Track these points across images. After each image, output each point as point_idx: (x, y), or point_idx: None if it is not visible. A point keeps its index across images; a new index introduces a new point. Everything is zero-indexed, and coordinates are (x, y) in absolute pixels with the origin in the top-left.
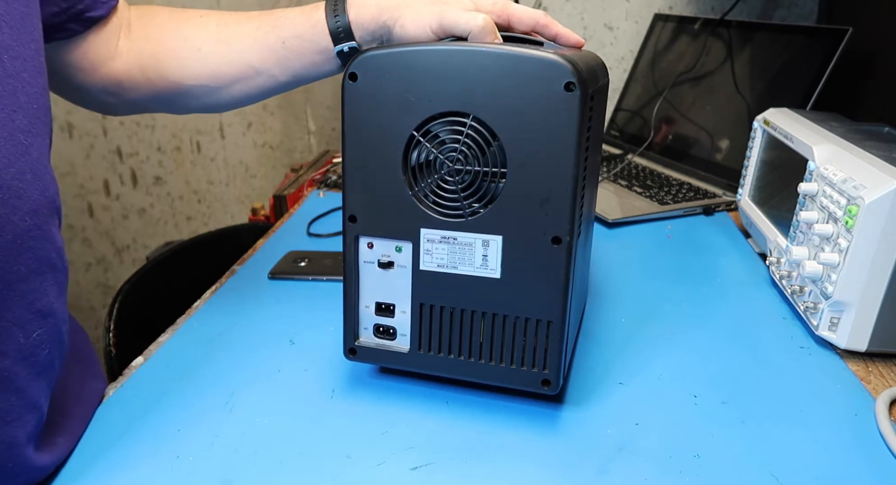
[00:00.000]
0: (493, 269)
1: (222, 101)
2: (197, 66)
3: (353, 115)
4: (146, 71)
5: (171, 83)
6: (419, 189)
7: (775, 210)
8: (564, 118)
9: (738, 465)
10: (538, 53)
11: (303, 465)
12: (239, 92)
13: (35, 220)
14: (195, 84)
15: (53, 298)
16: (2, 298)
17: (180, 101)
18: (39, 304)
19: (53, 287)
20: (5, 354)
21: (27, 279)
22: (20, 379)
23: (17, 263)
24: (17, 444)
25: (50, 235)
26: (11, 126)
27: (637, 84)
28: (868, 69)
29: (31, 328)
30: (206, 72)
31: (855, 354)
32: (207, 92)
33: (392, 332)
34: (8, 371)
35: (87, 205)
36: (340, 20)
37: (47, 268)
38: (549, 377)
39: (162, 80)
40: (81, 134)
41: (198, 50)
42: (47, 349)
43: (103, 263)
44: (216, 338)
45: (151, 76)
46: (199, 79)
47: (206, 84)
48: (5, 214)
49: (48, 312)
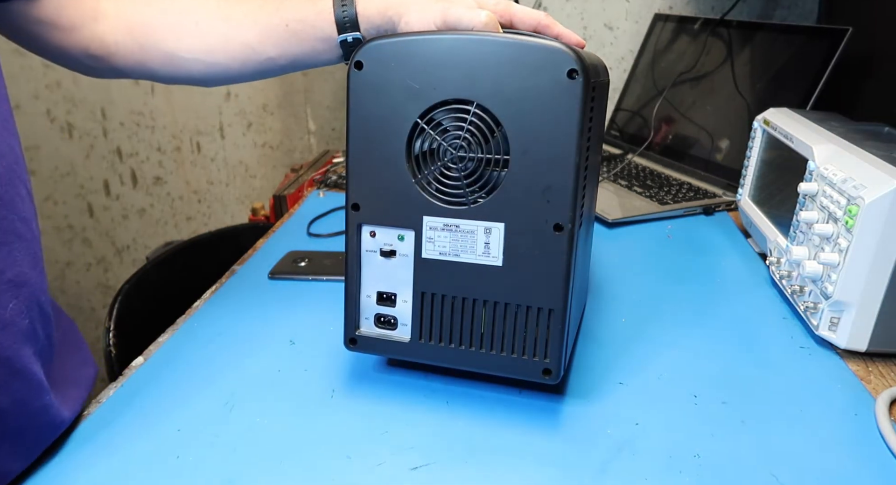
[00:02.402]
0: (495, 257)
1: (213, 77)
2: (193, 40)
3: (357, 103)
4: (137, 37)
5: (164, 53)
6: (422, 177)
7: (775, 210)
8: (567, 105)
9: (738, 465)
10: (541, 42)
11: (303, 465)
12: (233, 70)
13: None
14: (189, 57)
15: (28, 268)
16: None
17: (170, 72)
18: (10, 273)
19: (26, 257)
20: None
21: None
22: (3, 349)
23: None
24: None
25: (13, 205)
26: None
27: (637, 84)
28: (868, 69)
29: (5, 298)
30: (203, 47)
31: (855, 354)
32: (201, 67)
33: (393, 322)
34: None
35: (87, 205)
36: (348, 11)
37: (13, 237)
38: (549, 366)
39: (154, 50)
40: (81, 134)
41: (195, 24)
42: (27, 319)
43: (103, 263)
44: (216, 338)
45: (143, 43)
46: (194, 52)
47: (201, 59)
48: None
49: (22, 282)
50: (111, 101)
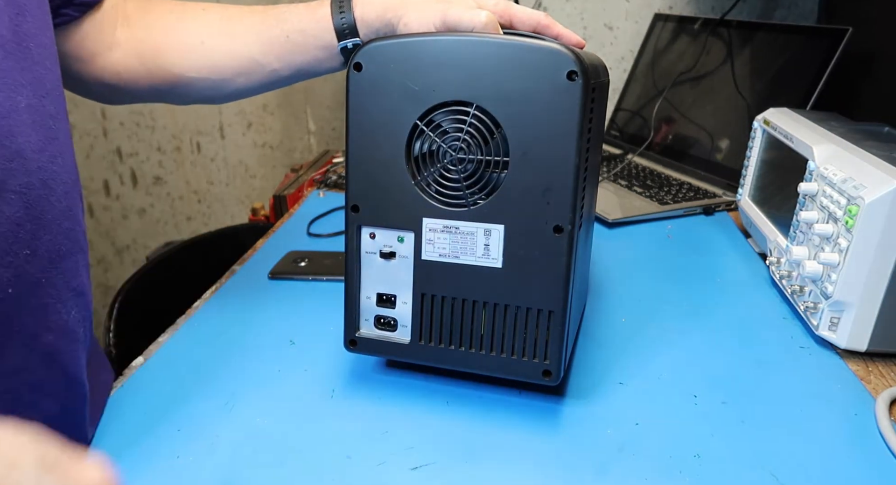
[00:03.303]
0: (495, 258)
1: (222, 93)
2: (200, 60)
3: (357, 105)
4: (146, 62)
5: (173, 75)
6: (422, 178)
7: (775, 210)
8: (567, 107)
9: (738, 465)
10: (541, 43)
11: (303, 465)
12: (240, 85)
13: (67, 201)
14: (197, 77)
15: (85, 278)
16: (48, 276)
17: (180, 93)
18: (75, 282)
19: (84, 268)
20: (50, 330)
21: (66, 258)
22: (63, 355)
23: (58, 242)
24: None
25: (78, 218)
26: (42, 111)
27: (637, 84)
28: (868, 69)
29: (69, 306)
30: (209, 65)
31: (855, 354)
32: (208, 85)
33: (393, 323)
34: (52, 347)
35: (87, 205)
36: (346, 17)
37: (77, 248)
38: (549, 368)
39: (162, 72)
40: (81, 134)
41: (201, 43)
42: (83, 327)
43: (103, 263)
44: (216, 338)
45: (151, 67)
46: (202, 72)
47: (208, 77)
48: (44, 196)
49: (82, 291)
50: None
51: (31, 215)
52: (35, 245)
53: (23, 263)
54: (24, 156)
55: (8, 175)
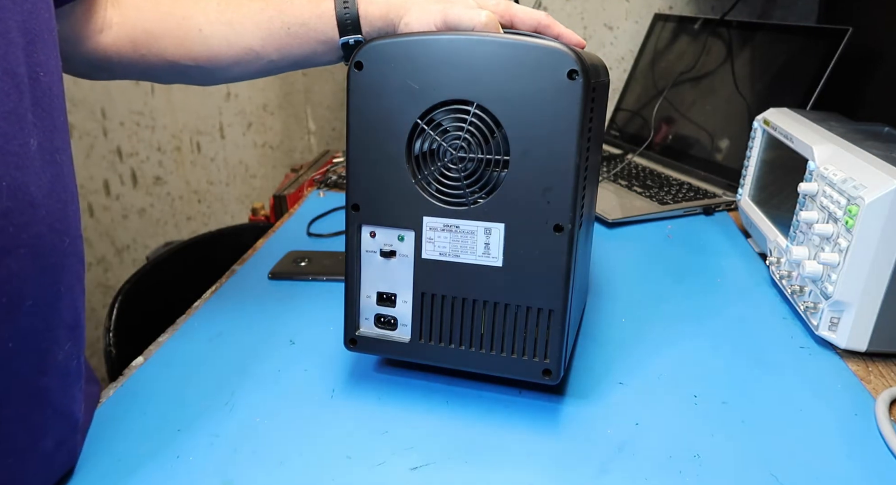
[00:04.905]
0: (495, 257)
1: (214, 79)
2: (196, 47)
3: (357, 104)
4: (139, 47)
5: (167, 62)
6: (422, 177)
7: (775, 210)
8: (567, 106)
9: (738, 465)
10: (541, 42)
11: (303, 465)
12: (234, 73)
13: (70, 238)
14: (192, 64)
15: (81, 309)
16: (47, 319)
17: (171, 76)
18: (71, 318)
19: (81, 298)
20: (44, 373)
21: (65, 296)
22: (55, 393)
23: (59, 283)
24: (47, 452)
25: (80, 250)
26: (50, 147)
27: (637, 84)
28: (868, 69)
29: (63, 343)
30: (206, 53)
31: (855, 354)
32: (203, 72)
33: (393, 322)
34: (46, 388)
35: (87, 205)
36: (350, 13)
37: (76, 280)
38: (549, 367)
39: (156, 58)
40: (81, 134)
41: (198, 30)
42: (75, 360)
43: (103, 263)
44: (216, 338)
45: (144, 53)
46: (198, 60)
47: (204, 65)
48: (51, 242)
49: (76, 324)
50: (111, 100)
51: (37, 266)
52: (38, 294)
53: (25, 314)
54: (35, 204)
55: (21, 229)
